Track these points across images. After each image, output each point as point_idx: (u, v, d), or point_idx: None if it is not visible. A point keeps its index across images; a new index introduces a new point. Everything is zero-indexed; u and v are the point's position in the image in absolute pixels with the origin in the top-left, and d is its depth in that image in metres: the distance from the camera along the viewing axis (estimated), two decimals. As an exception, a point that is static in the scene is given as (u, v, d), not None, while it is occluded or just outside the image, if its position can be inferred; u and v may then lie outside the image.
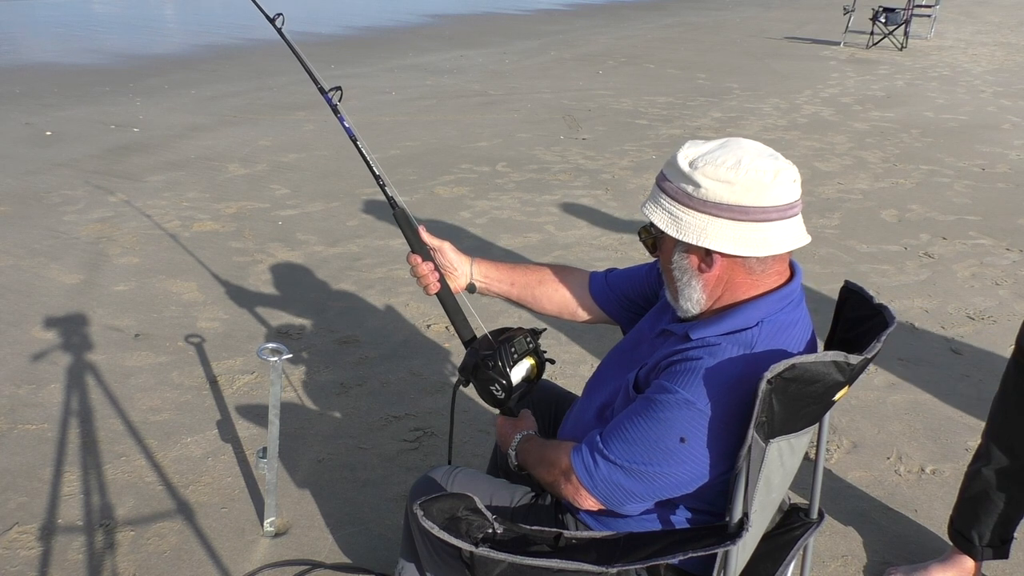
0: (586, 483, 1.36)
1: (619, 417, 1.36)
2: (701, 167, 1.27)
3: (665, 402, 1.28)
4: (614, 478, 1.34)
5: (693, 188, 1.28)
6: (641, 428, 1.30)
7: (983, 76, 10.68)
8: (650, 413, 1.29)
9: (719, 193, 1.26)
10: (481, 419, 2.78)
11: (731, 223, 1.27)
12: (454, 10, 18.40)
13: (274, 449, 2.12)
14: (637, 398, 1.35)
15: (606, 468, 1.34)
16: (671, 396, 1.27)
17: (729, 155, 1.27)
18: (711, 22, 17.22)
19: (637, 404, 1.34)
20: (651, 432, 1.29)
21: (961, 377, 3.19)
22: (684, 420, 1.26)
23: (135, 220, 4.68)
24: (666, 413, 1.27)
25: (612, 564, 1.31)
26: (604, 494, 1.36)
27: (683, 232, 1.30)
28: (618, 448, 1.33)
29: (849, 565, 2.20)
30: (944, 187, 5.71)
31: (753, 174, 1.25)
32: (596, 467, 1.35)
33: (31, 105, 7.73)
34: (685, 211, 1.30)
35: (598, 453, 1.35)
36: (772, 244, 1.28)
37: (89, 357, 3.17)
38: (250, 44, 11.89)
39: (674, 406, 1.27)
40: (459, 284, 1.71)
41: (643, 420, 1.30)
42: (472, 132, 7.00)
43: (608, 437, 1.35)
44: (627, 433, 1.32)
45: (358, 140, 1.69)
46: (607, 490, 1.35)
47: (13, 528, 2.24)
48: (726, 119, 7.71)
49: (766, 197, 1.26)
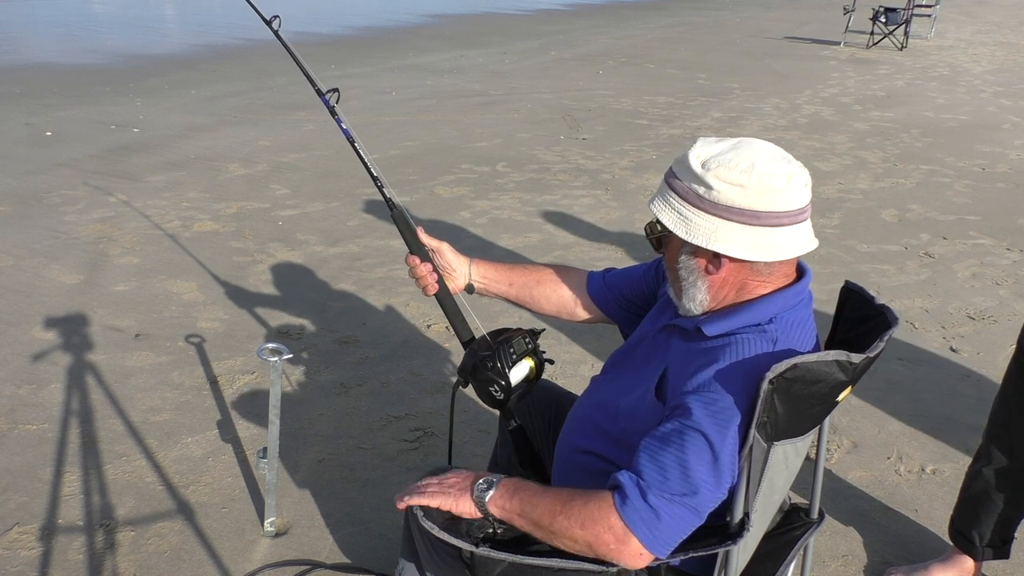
0: (647, 540, 1.22)
1: (656, 448, 1.25)
2: (714, 168, 1.26)
3: (709, 413, 1.22)
4: (677, 521, 1.22)
5: (705, 190, 1.27)
6: (694, 450, 1.21)
7: (983, 76, 10.68)
8: (697, 427, 1.22)
9: (731, 196, 1.25)
10: (481, 419, 2.78)
11: (742, 227, 1.26)
12: (454, 10, 18.40)
13: (274, 449, 2.12)
14: (672, 416, 1.27)
15: (668, 514, 1.21)
16: (713, 405, 1.23)
17: (742, 157, 1.26)
18: (711, 22, 17.22)
19: (675, 424, 1.25)
20: (701, 448, 1.22)
21: (961, 377, 3.18)
22: (727, 424, 1.22)
23: (135, 220, 4.67)
24: (710, 421, 1.22)
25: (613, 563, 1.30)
26: (663, 542, 1.23)
27: (692, 234, 1.29)
28: (675, 482, 1.22)
29: (849, 565, 2.20)
30: (944, 187, 5.71)
31: (766, 178, 1.24)
32: (658, 518, 1.21)
33: (31, 105, 7.73)
34: (695, 212, 1.29)
35: (653, 496, 1.21)
36: (781, 249, 1.28)
37: (89, 357, 3.17)
38: (250, 44, 11.89)
39: (718, 413, 1.22)
40: (458, 285, 1.71)
41: (693, 440, 1.22)
42: (472, 132, 7.00)
43: (655, 474, 1.23)
44: (681, 459, 1.22)
45: (355, 141, 1.68)
46: (670, 537, 1.23)
47: (13, 528, 2.25)
48: (726, 119, 7.71)
49: (778, 202, 1.25)
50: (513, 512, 1.32)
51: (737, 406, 1.22)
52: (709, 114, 7.93)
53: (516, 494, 1.32)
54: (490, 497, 1.33)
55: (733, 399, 1.23)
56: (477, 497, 1.34)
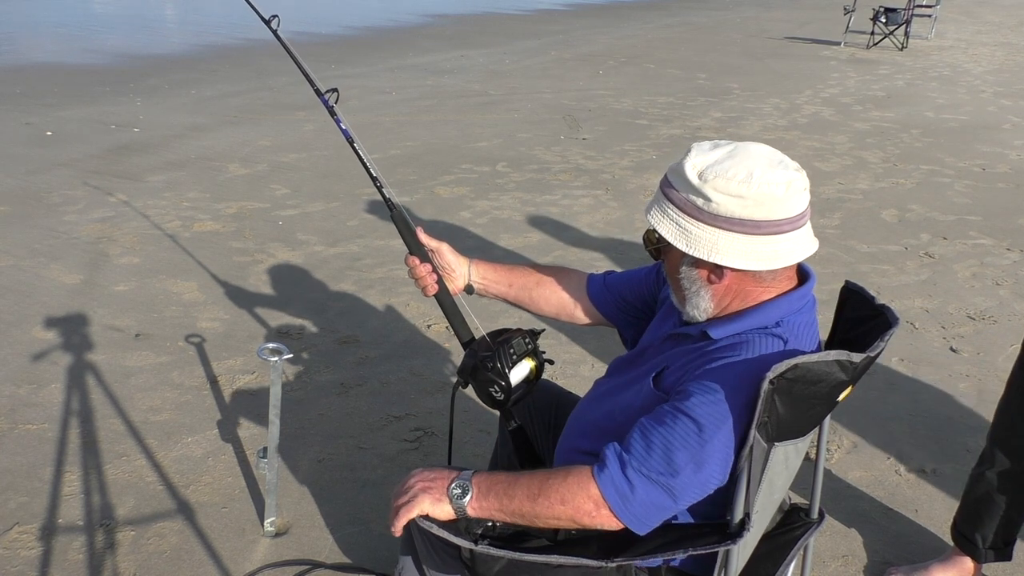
0: (618, 510, 1.25)
1: (648, 426, 1.27)
2: (711, 180, 1.25)
3: (706, 401, 1.23)
4: (651, 498, 1.24)
5: (703, 201, 1.26)
6: (681, 433, 1.23)
7: (983, 76, 10.68)
8: (690, 413, 1.23)
9: (730, 207, 1.24)
10: (481, 419, 2.78)
11: (743, 237, 1.26)
12: (454, 10, 18.39)
13: (274, 449, 2.12)
14: (670, 400, 1.28)
15: (643, 490, 1.23)
16: (712, 395, 1.23)
17: (740, 167, 1.24)
18: (711, 22, 17.21)
19: (670, 407, 1.26)
20: (689, 433, 1.23)
21: (961, 377, 3.18)
22: (723, 417, 1.22)
23: (135, 220, 4.67)
24: (705, 410, 1.23)
25: (612, 559, 1.30)
26: (635, 516, 1.26)
27: (693, 247, 1.28)
28: (657, 461, 1.23)
29: (849, 565, 2.20)
30: (944, 187, 5.71)
31: (766, 187, 1.23)
32: (632, 491, 1.24)
33: (31, 105, 7.72)
34: (694, 224, 1.28)
35: (631, 470, 1.24)
36: (783, 256, 1.28)
37: (89, 357, 3.17)
38: (250, 44, 11.88)
39: (715, 404, 1.23)
40: (457, 285, 1.71)
41: (683, 424, 1.23)
42: (472, 132, 7.00)
43: (640, 449, 1.25)
44: (667, 440, 1.23)
45: (355, 141, 1.68)
46: (642, 513, 1.25)
47: (14, 528, 2.25)
48: (726, 119, 7.71)
49: (778, 210, 1.25)
50: (492, 510, 1.33)
51: (737, 402, 1.22)
52: (709, 114, 7.93)
53: (491, 491, 1.33)
54: (467, 503, 1.33)
55: (734, 394, 1.23)
56: (456, 505, 1.34)
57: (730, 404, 1.22)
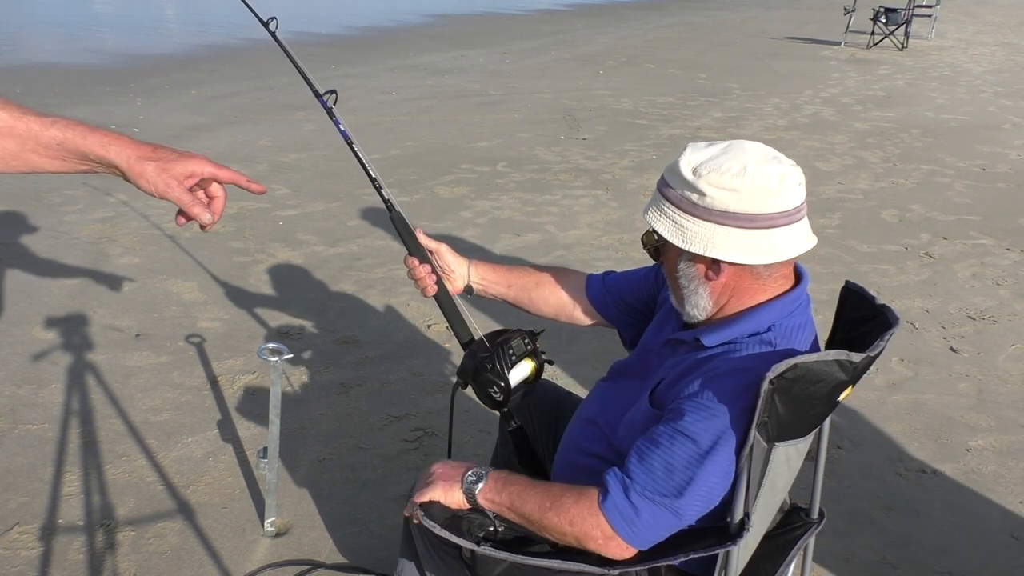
0: (627, 537, 1.26)
1: (646, 448, 1.27)
2: (705, 175, 1.26)
3: (700, 418, 1.24)
4: (657, 520, 1.25)
5: (698, 196, 1.27)
6: (680, 453, 1.24)
7: (984, 76, 10.68)
8: (686, 431, 1.24)
9: (725, 201, 1.25)
10: (481, 419, 2.78)
11: (738, 231, 1.26)
12: (454, 10, 18.39)
13: (274, 449, 2.12)
14: (664, 419, 1.28)
15: (648, 513, 1.25)
16: (705, 411, 1.24)
17: (733, 161, 1.26)
18: (711, 22, 17.22)
19: (666, 427, 1.27)
20: (688, 452, 1.23)
21: (961, 377, 3.19)
22: (719, 430, 1.23)
23: (135, 220, 4.67)
24: (700, 426, 1.23)
25: (613, 565, 1.30)
26: (643, 539, 1.27)
27: (689, 242, 1.29)
28: (659, 482, 1.24)
29: (849, 565, 2.20)
30: (945, 187, 5.71)
31: (759, 180, 1.24)
32: (638, 515, 1.25)
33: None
34: (690, 220, 1.29)
35: (635, 494, 1.25)
36: (779, 250, 1.28)
37: (89, 357, 3.17)
38: (250, 44, 11.88)
39: (709, 419, 1.23)
40: (456, 286, 1.71)
41: (680, 443, 1.24)
42: (472, 132, 7.00)
43: (641, 473, 1.26)
44: (667, 461, 1.24)
45: (353, 143, 1.68)
46: (650, 535, 1.27)
47: (14, 528, 2.25)
48: (726, 119, 7.71)
49: (773, 203, 1.25)
50: (503, 505, 1.35)
51: (732, 412, 1.23)
52: (709, 114, 7.93)
53: (506, 488, 1.35)
54: (479, 490, 1.36)
55: (728, 405, 1.23)
56: (467, 489, 1.37)
57: (725, 416, 1.23)
